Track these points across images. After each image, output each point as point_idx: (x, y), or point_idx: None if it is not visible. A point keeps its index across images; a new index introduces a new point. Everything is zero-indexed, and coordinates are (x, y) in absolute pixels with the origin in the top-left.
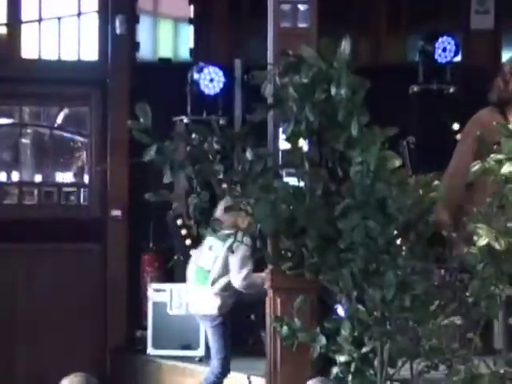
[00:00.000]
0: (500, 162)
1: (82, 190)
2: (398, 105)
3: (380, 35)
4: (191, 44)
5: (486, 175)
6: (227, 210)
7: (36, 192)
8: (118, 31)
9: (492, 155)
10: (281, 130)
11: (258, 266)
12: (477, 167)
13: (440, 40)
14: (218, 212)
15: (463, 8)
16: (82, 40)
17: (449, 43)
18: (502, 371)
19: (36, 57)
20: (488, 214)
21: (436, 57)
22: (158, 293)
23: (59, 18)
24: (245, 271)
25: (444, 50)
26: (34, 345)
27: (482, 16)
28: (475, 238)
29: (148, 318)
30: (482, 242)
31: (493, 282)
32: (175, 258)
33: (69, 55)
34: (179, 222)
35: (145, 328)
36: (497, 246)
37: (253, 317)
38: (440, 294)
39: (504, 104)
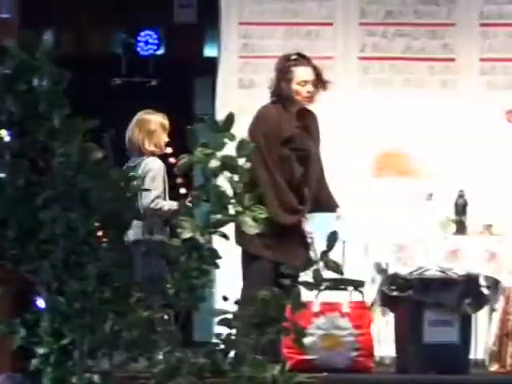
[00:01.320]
0: (208, 156)
1: None
2: (102, 97)
3: (84, 26)
4: None
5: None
6: None
7: None
8: None
9: (200, 148)
10: None
11: None
12: (185, 160)
13: (142, 33)
14: None
15: (167, 1)
16: None
17: (151, 36)
18: (201, 362)
19: None
20: (192, 207)
21: (138, 50)
22: None
23: None
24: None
25: (146, 43)
26: None
27: (185, 10)
28: (179, 230)
29: None
30: (187, 234)
31: (195, 274)
32: None
33: None
34: None
35: None
36: (201, 240)
37: None
38: (141, 286)
39: (283, 99)
